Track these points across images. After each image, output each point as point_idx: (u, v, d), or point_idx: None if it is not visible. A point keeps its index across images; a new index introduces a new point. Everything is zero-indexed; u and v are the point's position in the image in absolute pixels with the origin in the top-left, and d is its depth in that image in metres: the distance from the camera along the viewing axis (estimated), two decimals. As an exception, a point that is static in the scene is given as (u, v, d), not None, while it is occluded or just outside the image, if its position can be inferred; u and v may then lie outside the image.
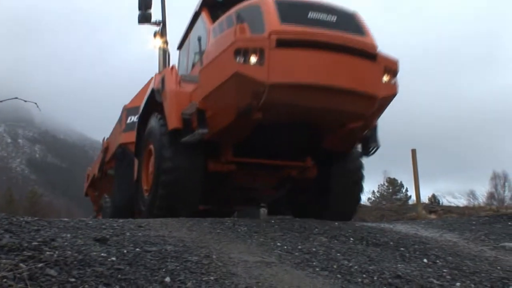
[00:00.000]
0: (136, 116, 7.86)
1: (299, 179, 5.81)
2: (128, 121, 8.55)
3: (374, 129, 5.29)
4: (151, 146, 5.69)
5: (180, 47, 7.24)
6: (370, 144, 5.29)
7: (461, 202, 16.93)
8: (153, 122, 5.69)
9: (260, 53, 4.32)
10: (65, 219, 3.81)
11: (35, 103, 2.85)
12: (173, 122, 5.16)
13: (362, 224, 5.27)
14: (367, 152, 5.38)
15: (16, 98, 2.73)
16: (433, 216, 8.77)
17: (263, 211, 8.04)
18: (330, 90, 4.46)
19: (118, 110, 9.34)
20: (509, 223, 5.63)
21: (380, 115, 5.15)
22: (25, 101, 2.80)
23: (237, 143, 5.22)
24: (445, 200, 17.05)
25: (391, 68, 4.86)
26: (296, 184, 5.98)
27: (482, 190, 31.59)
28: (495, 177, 34.89)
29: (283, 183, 6.00)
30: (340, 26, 4.65)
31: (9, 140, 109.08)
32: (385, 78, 4.78)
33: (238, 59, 4.35)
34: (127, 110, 8.74)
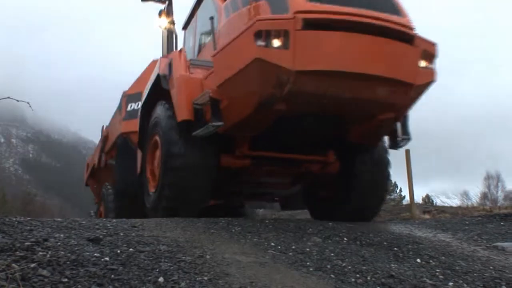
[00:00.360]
0: (137, 103, 7.42)
1: (320, 174, 5.36)
2: (129, 108, 8.03)
3: (404, 119, 4.78)
4: (157, 138, 5.16)
5: (185, 26, 6.66)
6: (400, 136, 4.78)
7: (455, 202, 16.98)
8: (159, 111, 5.15)
9: (285, 35, 3.81)
10: (58, 219, 3.80)
11: (28, 103, 2.84)
12: (183, 113, 4.63)
13: (356, 224, 5.27)
14: (395, 145, 4.88)
15: (9, 97, 2.72)
16: (426, 216, 8.77)
17: (276, 205, 7.78)
18: (363, 78, 3.97)
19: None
20: (502, 223, 5.65)
21: (413, 105, 4.58)
22: (18, 100, 2.79)
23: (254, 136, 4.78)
24: (439, 200, 17.07)
25: (429, 52, 4.34)
26: (315, 179, 5.53)
27: (475, 190, 31.79)
28: (488, 177, 35.20)
29: (301, 178, 5.58)
30: (373, 4, 4.13)
31: (2, 140, 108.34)
32: (423, 63, 4.28)
33: (259, 42, 3.84)
34: (127, 97, 8.17)
